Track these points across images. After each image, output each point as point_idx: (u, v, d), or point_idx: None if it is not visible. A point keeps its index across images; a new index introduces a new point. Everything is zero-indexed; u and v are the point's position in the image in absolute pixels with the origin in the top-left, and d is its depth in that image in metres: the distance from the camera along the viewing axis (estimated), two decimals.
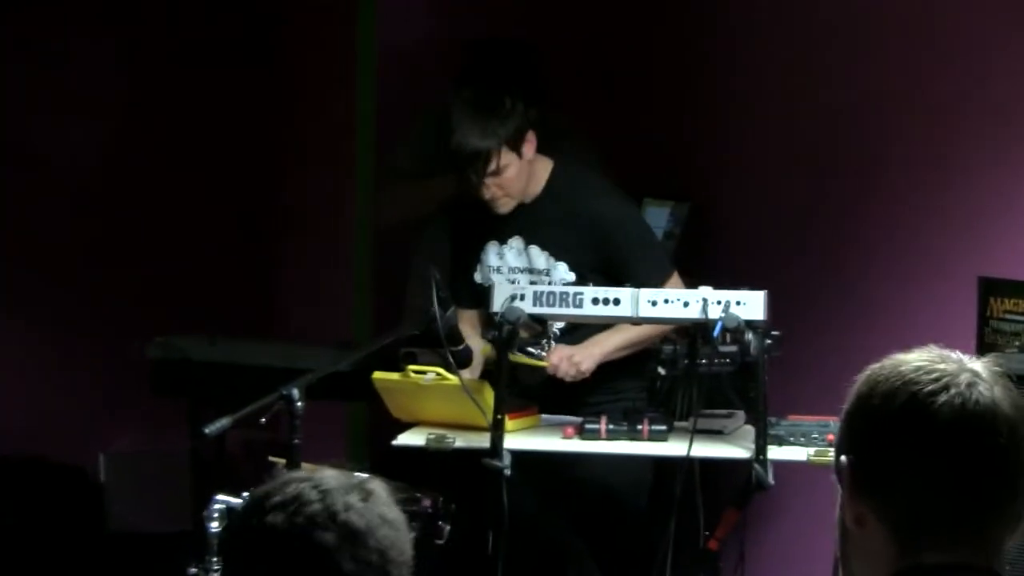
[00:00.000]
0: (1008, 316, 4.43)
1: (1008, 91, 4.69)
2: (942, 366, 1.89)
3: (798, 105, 5.41)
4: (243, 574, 1.99)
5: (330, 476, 2.00)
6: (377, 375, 4.39)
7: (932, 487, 1.85)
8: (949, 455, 1.86)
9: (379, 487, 2.02)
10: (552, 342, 4.29)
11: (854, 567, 1.93)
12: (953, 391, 1.86)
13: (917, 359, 1.91)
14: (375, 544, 1.96)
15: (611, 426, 4.20)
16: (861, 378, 1.93)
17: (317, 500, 1.95)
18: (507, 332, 4.08)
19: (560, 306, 4.09)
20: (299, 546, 1.94)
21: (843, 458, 1.91)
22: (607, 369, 4.53)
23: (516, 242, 4.60)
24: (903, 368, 1.90)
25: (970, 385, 1.87)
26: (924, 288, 4.94)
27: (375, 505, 1.98)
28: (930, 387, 1.87)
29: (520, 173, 4.50)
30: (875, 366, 1.93)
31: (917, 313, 4.84)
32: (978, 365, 1.90)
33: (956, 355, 1.92)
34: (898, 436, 1.87)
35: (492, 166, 4.43)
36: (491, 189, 4.47)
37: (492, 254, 4.63)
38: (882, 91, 5.12)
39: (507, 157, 4.44)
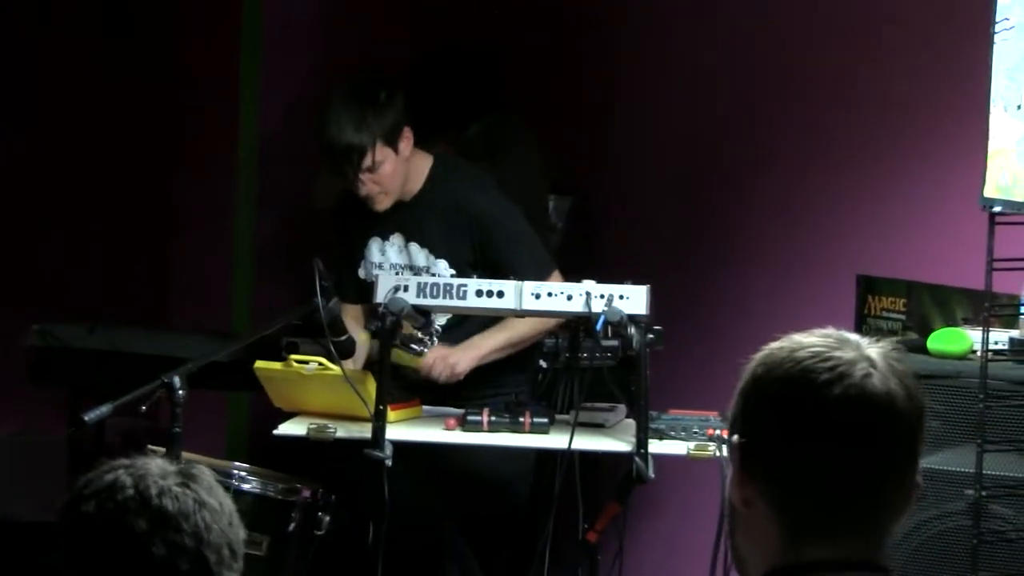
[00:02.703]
0: (885, 314, 4.50)
1: (888, 90, 4.75)
2: (839, 353, 1.86)
3: (680, 101, 5.45)
4: (65, 563, 1.99)
5: (152, 463, 2.00)
6: (259, 364, 4.37)
7: (818, 475, 1.84)
8: (837, 445, 1.84)
9: (203, 472, 2.02)
10: (435, 339, 4.30)
11: (740, 545, 1.92)
12: (847, 381, 1.84)
13: (815, 344, 1.88)
14: (190, 528, 1.95)
15: (493, 418, 4.20)
16: (758, 358, 1.91)
17: (131, 486, 1.95)
18: (390, 323, 4.07)
19: (444, 298, 4.08)
20: (109, 532, 1.94)
21: (735, 437, 1.90)
22: (490, 362, 4.54)
23: (396, 239, 4.59)
24: (800, 353, 1.87)
25: (865, 376, 1.85)
26: (804, 285, 5.00)
27: (194, 490, 1.97)
28: (824, 376, 1.85)
29: (397, 170, 4.48)
30: (773, 346, 1.90)
31: (797, 309, 4.89)
32: (875, 353, 1.88)
33: (855, 340, 1.90)
34: (789, 422, 1.86)
35: (367, 162, 4.41)
36: (367, 185, 4.45)
37: (374, 250, 4.62)
38: (762, 88, 5.17)
39: (382, 153, 4.43)
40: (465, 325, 4.54)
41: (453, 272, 4.50)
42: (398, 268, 4.58)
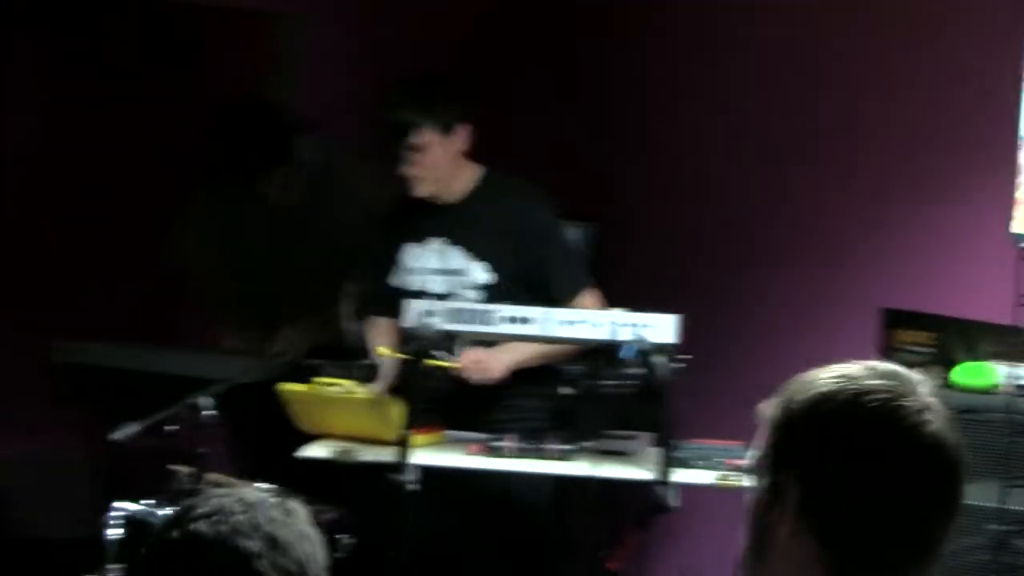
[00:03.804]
0: (909, 348, 4.50)
1: (916, 124, 4.76)
2: (909, 396, 1.85)
3: (708, 131, 5.47)
4: None
5: (252, 492, 2.06)
6: (285, 386, 4.39)
7: (884, 515, 1.83)
8: (911, 486, 1.84)
9: (298, 506, 2.09)
10: (465, 346, 4.31)
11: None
12: (930, 426, 1.83)
13: (863, 376, 1.86)
14: (295, 556, 2.02)
15: (516, 444, 4.21)
16: (804, 389, 1.88)
17: (241, 512, 2.01)
18: (418, 348, 4.09)
19: (472, 323, 4.10)
20: (223, 552, 2.00)
21: (789, 474, 1.86)
22: (512, 388, 4.55)
23: (438, 243, 4.61)
24: (871, 396, 1.85)
25: (935, 418, 1.84)
26: (828, 318, 5.01)
27: (296, 521, 2.04)
28: (912, 419, 1.83)
29: (442, 159, 4.52)
30: (823, 379, 1.88)
31: (820, 342, 4.89)
32: (930, 393, 1.87)
33: (908, 377, 1.88)
34: (869, 463, 1.83)
35: (415, 139, 4.45)
36: (410, 165, 4.49)
37: (413, 255, 4.63)
38: (790, 120, 5.18)
39: (431, 136, 4.47)
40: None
41: (492, 277, 4.51)
42: (431, 273, 4.59)
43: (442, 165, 4.53)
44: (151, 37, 6.33)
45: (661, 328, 4.02)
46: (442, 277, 4.56)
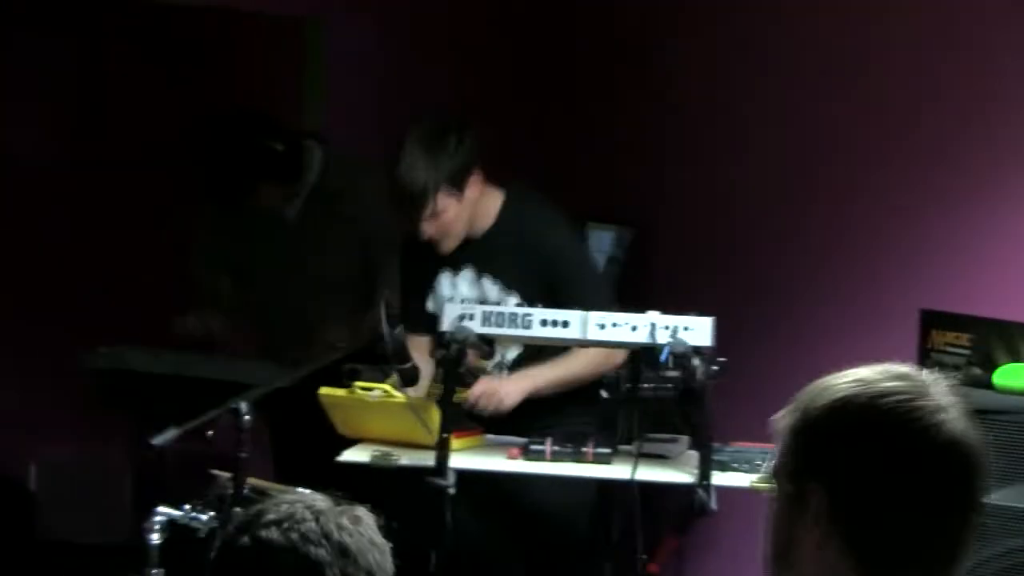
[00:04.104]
0: (949, 349, 4.49)
1: (953, 127, 4.75)
2: (926, 397, 1.86)
3: (743, 134, 5.46)
4: None
5: (320, 499, 2.07)
6: (323, 391, 4.39)
7: (911, 517, 1.83)
8: (937, 487, 1.84)
9: (365, 514, 2.09)
10: (506, 372, 4.32)
11: None
12: (948, 426, 1.84)
13: (898, 386, 1.87)
14: (364, 564, 2.02)
15: (556, 448, 4.21)
16: (821, 396, 1.88)
17: (311, 519, 2.02)
18: (455, 351, 4.09)
19: (509, 327, 4.10)
20: (293, 559, 2.00)
21: (813, 483, 1.86)
22: (555, 393, 4.54)
23: (468, 272, 4.61)
24: (888, 398, 1.85)
25: (956, 419, 1.85)
26: (866, 319, 4.99)
27: (365, 529, 2.05)
28: (929, 419, 1.84)
29: (460, 215, 4.49)
30: (841, 384, 1.88)
31: (858, 343, 4.87)
32: (949, 393, 1.88)
33: (924, 378, 1.89)
34: (894, 467, 1.83)
35: (429, 210, 4.44)
36: (429, 230, 4.48)
37: (445, 283, 4.64)
38: (824, 122, 5.17)
39: (445, 201, 4.44)
40: (534, 362, 4.54)
41: (523, 305, 4.51)
42: (469, 302, 4.59)
43: (462, 219, 4.52)
44: (166, 42, 6.33)
45: (698, 331, 4.02)
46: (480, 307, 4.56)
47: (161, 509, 3.83)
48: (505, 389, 4.45)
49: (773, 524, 1.90)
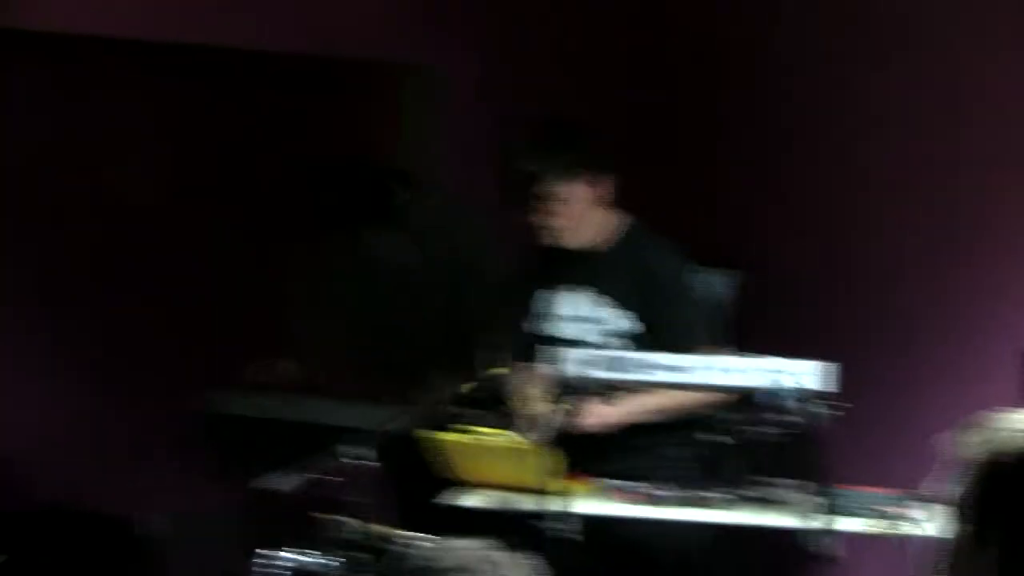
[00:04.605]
0: None
1: None
2: None
3: (849, 174, 5.43)
4: None
5: (490, 548, 2.08)
6: (434, 434, 4.40)
7: None
8: None
9: (526, 561, 2.10)
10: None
11: None
12: None
13: None
14: None
15: (674, 492, 4.20)
16: (1012, 441, 1.86)
17: (489, 570, 2.02)
18: (572, 396, 4.08)
19: (630, 371, 4.08)
20: None
21: (993, 524, 1.84)
22: (661, 436, 4.52)
23: (586, 291, 4.61)
24: None
25: None
26: (973, 361, 4.95)
27: None
28: None
29: (571, 208, 4.51)
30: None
31: (965, 386, 4.84)
32: None
33: None
34: None
35: (543, 189, 4.44)
36: (542, 215, 4.49)
37: (555, 302, 4.63)
38: (936, 162, 5.14)
39: (558, 185, 4.46)
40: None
41: (637, 327, 4.51)
42: (577, 320, 4.58)
43: (576, 215, 4.52)
44: (274, 89, 6.38)
45: (813, 375, 4.00)
46: (583, 325, 4.56)
47: (275, 552, 3.85)
48: (599, 410, 4.43)
49: (946, 559, 1.87)
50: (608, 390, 4.12)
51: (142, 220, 6.12)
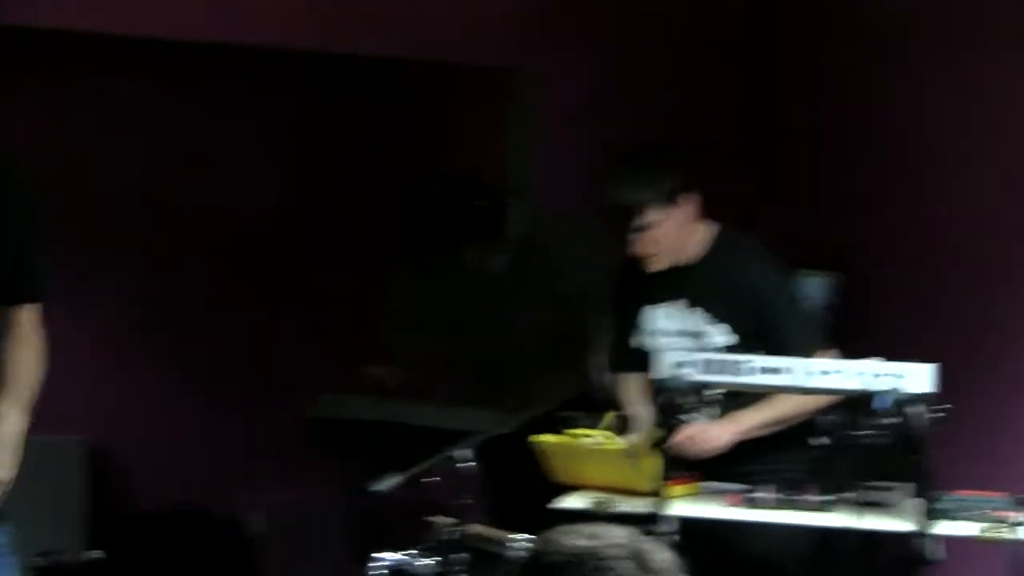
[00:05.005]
0: None
1: None
2: None
3: (950, 172, 5.41)
4: None
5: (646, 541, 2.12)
6: (542, 438, 4.44)
7: None
8: None
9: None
10: (720, 407, 4.31)
11: None
12: None
13: None
14: None
15: (774, 495, 4.20)
16: None
17: (627, 556, 2.06)
18: (670, 399, 4.10)
19: (726, 374, 4.10)
20: None
21: None
22: (768, 439, 4.53)
23: (679, 304, 4.63)
24: None
25: None
26: None
27: (678, 567, 2.10)
28: None
29: (672, 232, 4.53)
30: None
31: None
32: None
33: None
34: None
35: (642, 221, 4.47)
36: (641, 244, 4.52)
37: (653, 317, 4.66)
38: None
39: (658, 214, 4.49)
40: (738, 397, 4.55)
41: (734, 339, 4.52)
42: (677, 334, 4.61)
43: (674, 237, 4.54)
44: (375, 95, 6.43)
45: (917, 377, 3.98)
46: (683, 339, 4.58)
47: (378, 555, 3.89)
48: (714, 432, 4.46)
49: None
50: (714, 402, 4.12)
51: (259, 231, 6.21)
